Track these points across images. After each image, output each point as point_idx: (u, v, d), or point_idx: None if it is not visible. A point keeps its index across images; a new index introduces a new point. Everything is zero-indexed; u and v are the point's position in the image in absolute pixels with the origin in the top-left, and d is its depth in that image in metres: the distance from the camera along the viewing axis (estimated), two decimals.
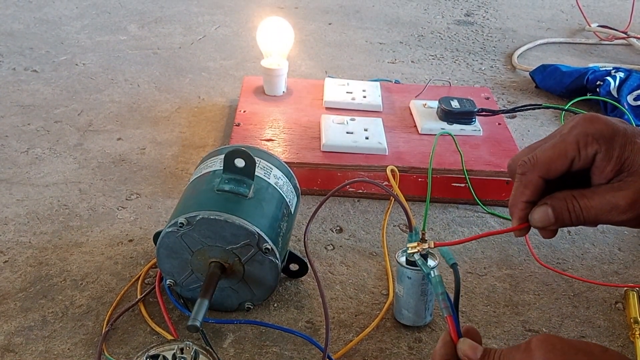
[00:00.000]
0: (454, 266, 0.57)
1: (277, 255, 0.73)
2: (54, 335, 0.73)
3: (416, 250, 0.63)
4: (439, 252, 0.71)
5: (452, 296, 0.55)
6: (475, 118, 1.07)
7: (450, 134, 0.99)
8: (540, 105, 1.14)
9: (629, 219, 0.52)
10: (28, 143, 1.09)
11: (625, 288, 0.82)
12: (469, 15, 1.74)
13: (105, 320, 0.75)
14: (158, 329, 0.74)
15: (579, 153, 0.52)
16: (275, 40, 1.14)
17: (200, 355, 0.62)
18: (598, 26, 1.65)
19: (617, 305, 0.81)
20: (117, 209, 0.94)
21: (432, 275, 0.55)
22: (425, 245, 0.62)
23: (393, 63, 1.44)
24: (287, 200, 0.80)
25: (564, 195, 0.53)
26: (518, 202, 0.55)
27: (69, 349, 0.72)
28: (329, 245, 0.89)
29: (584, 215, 0.53)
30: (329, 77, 1.23)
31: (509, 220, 0.94)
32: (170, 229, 0.73)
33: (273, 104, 1.13)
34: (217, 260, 0.73)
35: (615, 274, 0.86)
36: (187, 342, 0.62)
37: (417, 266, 0.73)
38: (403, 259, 0.74)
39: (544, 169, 0.53)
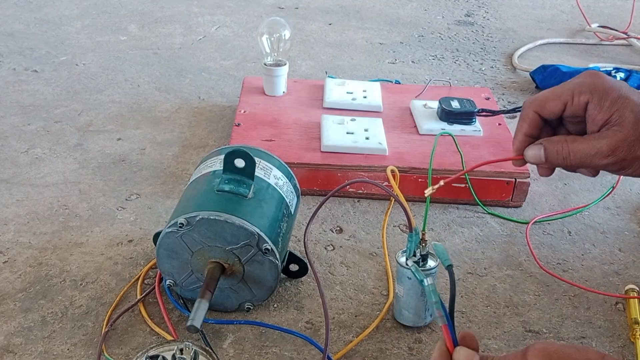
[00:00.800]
0: (449, 268, 0.55)
1: (277, 256, 0.73)
2: (54, 336, 0.73)
3: (438, 242, 0.63)
4: (435, 252, 0.70)
5: (448, 297, 0.55)
6: (475, 118, 1.07)
7: (450, 134, 0.98)
8: None
9: (610, 163, 0.58)
10: (28, 143, 1.09)
11: (626, 288, 0.81)
12: (469, 16, 1.74)
13: (105, 321, 0.75)
14: (158, 330, 0.74)
15: (572, 99, 0.59)
16: (276, 41, 1.14)
17: (200, 356, 0.62)
18: (598, 26, 1.65)
19: (617, 306, 0.81)
20: (117, 209, 0.94)
21: (426, 283, 0.54)
22: (437, 186, 0.64)
23: (393, 63, 1.44)
24: (287, 200, 0.80)
25: (558, 138, 0.60)
26: (518, 134, 0.62)
27: (68, 349, 0.72)
28: (329, 245, 0.89)
29: (571, 157, 0.59)
30: (329, 77, 1.23)
31: (509, 220, 0.95)
32: (170, 229, 0.73)
33: (273, 104, 1.13)
34: (217, 260, 0.73)
35: (615, 274, 0.86)
36: (187, 343, 0.62)
37: (417, 266, 0.73)
38: (403, 260, 0.74)
39: (539, 106, 0.61)
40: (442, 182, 0.63)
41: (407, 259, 0.74)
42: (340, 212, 0.96)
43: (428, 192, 0.65)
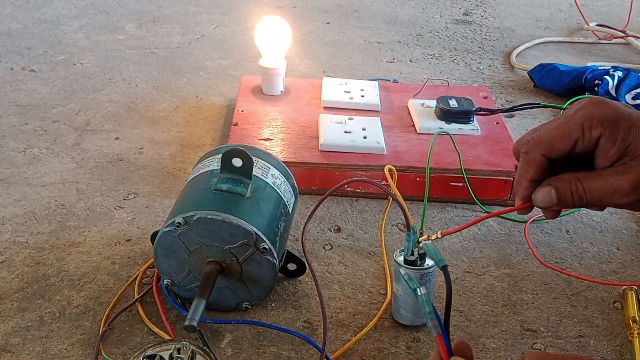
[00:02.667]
0: (444, 268, 0.54)
1: (275, 255, 0.73)
2: (51, 336, 0.73)
3: (429, 242, 0.61)
4: (427, 253, 0.70)
5: (444, 300, 0.54)
6: (473, 117, 1.07)
7: (448, 133, 0.98)
8: (539, 104, 1.14)
9: (632, 202, 0.52)
10: (25, 143, 1.08)
11: (624, 287, 0.81)
12: (467, 15, 1.74)
13: (103, 321, 0.74)
14: (155, 329, 0.74)
15: (582, 135, 0.53)
16: (273, 40, 1.14)
17: (198, 356, 0.62)
18: (596, 25, 1.65)
19: (615, 305, 0.81)
20: (115, 208, 0.94)
21: (419, 293, 0.53)
22: (434, 237, 0.61)
23: (391, 62, 1.44)
24: (285, 199, 0.80)
25: (568, 176, 0.54)
26: (522, 181, 0.56)
27: (66, 349, 0.71)
28: (326, 244, 0.89)
29: (587, 197, 0.53)
30: (327, 76, 1.23)
31: (507, 219, 0.95)
32: (167, 229, 0.73)
33: (271, 104, 1.12)
34: (214, 260, 0.73)
35: (613, 273, 0.86)
36: (184, 342, 0.61)
37: (415, 265, 0.73)
38: (401, 259, 0.74)
39: (546, 148, 0.54)
40: (439, 234, 0.60)
41: (404, 258, 0.74)
42: (338, 211, 0.96)
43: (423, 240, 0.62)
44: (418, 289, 0.53)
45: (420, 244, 0.72)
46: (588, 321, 0.79)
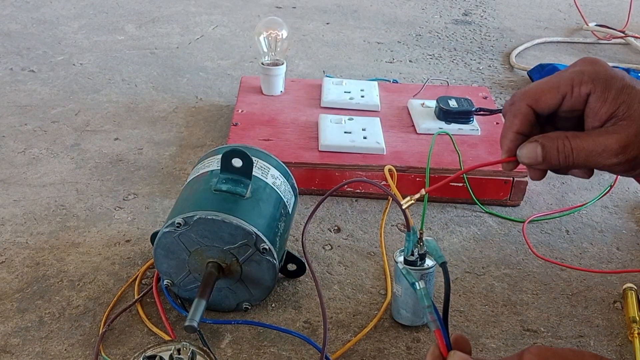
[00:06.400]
0: (443, 265, 0.54)
1: (275, 255, 0.73)
2: (51, 336, 0.73)
3: (410, 202, 0.60)
4: (427, 249, 0.70)
5: (443, 296, 0.55)
6: (473, 117, 1.07)
7: (448, 134, 0.98)
8: None
9: (619, 162, 0.51)
10: (25, 143, 1.08)
11: (624, 287, 0.81)
12: (466, 15, 1.74)
13: (102, 321, 0.74)
14: (155, 330, 0.74)
15: (571, 90, 0.52)
16: (273, 40, 1.14)
17: (198, 356, 0.62)
18: (596, 25, 1.65)
19: (615, 305, 0.81)
20: (115, 209, 0.94)
21: (418, 287, 0.53)
22: (417, 195, 0.60)
23: (391, 62, 1.44)
24: (285, 200, 0.80)
25: (556, 134, 0.53)
26: (507, 133, 0.54)
27: (65, 349, 0.71)
28: (326, 245, 0.89)
29: (574, 156, 0.52)
30: (327, 76, 1.23)
31: (507, 219, 0.95)
32: (167, 229, 0.73)
33: (271, 104, 1.12)
34: (214, 260, 0.73)
35: (613, 273, 0.86)
36: (185, 343, 0.61)
37: (415, 265, 0.73)
38: (401, 259, 0.74)
39: (533, 99, 0.53)
40: (423, 191, 0.59)
41: (404, 259, 0.74)
42: (338, 211, 0.96)
43: (405, 203, 0.61)
44: (417, 283, 0.53)
45: (420, 242, 0.71)
46: (588, 321, 0.79)
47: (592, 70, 0.52)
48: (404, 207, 0.61)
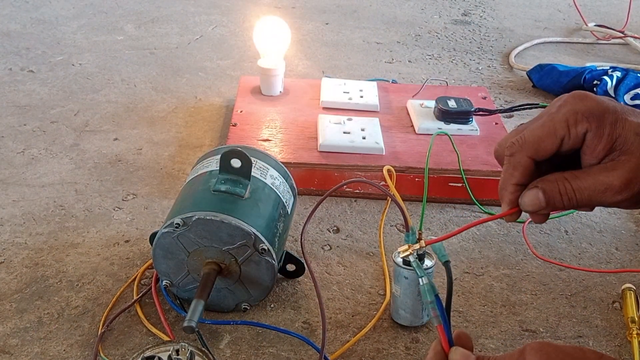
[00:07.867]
0: (446, 264, 0.54)
1: (274, 256, 0.73)
2: (50, 337, 0.73)
3: (408, 252, 0.60)
4: (432, 248, 0.70)
5: (445, 295, 0.55)
6: (472, 118, 1.07)
7: (447, 134, 0.98)
8: (537, 104, 1.14)
9: (624, 199, 0.50)
10: (24, 143, 1.08)
11: (623, 287, 0.81)
12: (466, 15, 1.74)
13: (101, 322, 0.74)
14: (154, 330, 0.74)
15: (568, 132, 0.50)
16: (272, 40, 1.14)
17: (196, 357, 0.62)
18: (595, 25, 1.65)
19: (614, 305, 0.81)
20: (114, 209, 0.94)
21: (422, 282, 0.53)
22: (417, 246, 0.60)
23: (390, 63, 1.44)
24: (284, 200, 0.80)
25: (555, 177, 0.51)
26: (507, 185, 0.53)
27: (64, 350, 0.71)
28: (325, 245, 0.89)
29: (577, 197, 0.50)
30: (326, 76, 1.23)
31: None
32: (166, 230, 0.72)
33: (270, 104, 1.12)
34: (213, 260, 0.73)
35: (612, 273, 0.86)
36: (183, 343, 0.62)
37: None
38: (400, 259, 0.74)
39: (532, 149, 0.51)
40: (423, 242, 0.59)
41: (408, 255, 0.73)
42: (337, 211, 0.96)
43: (403, 252, 0.60)
44: (421, 279, 0.53)
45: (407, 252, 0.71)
46: (587, 321, 0.79)
47: (585, 108, 0.50)
48: (401, 256, 0.61)
